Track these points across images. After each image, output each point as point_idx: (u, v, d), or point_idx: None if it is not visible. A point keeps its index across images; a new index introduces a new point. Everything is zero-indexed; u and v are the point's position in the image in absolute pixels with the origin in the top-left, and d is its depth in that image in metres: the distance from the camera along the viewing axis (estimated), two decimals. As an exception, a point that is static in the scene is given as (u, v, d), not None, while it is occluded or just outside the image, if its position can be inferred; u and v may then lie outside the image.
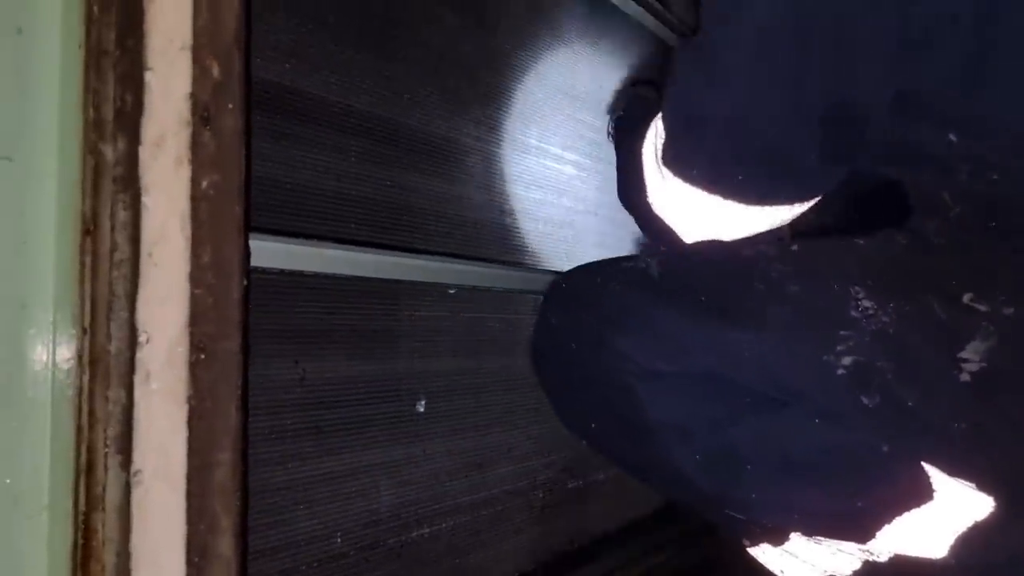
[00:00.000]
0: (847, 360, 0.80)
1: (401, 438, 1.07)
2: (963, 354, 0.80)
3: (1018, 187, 0.83)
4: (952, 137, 0.83)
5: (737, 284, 0.86)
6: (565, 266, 1.42)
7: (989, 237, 0.85)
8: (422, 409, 1.10)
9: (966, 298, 0.82)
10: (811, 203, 0.94)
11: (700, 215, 0.93)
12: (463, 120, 1.21)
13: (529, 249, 1.35)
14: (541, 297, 1.09)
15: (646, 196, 0.99)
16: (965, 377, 0.79)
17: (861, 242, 0.90)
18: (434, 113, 1.15)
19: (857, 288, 0.83)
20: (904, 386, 0.80)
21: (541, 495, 1.32)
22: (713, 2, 0.85)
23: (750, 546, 1.00)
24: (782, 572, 0.99)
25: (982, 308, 0.81)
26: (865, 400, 0.81)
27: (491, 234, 1.27)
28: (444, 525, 1.13)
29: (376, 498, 1.03)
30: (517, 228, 1.33)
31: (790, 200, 0.91)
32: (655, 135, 0.97)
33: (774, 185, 0.89)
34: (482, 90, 1.25)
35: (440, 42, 1.17)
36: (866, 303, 0.82)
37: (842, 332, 0.81)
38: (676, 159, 0.91)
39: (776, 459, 0.85)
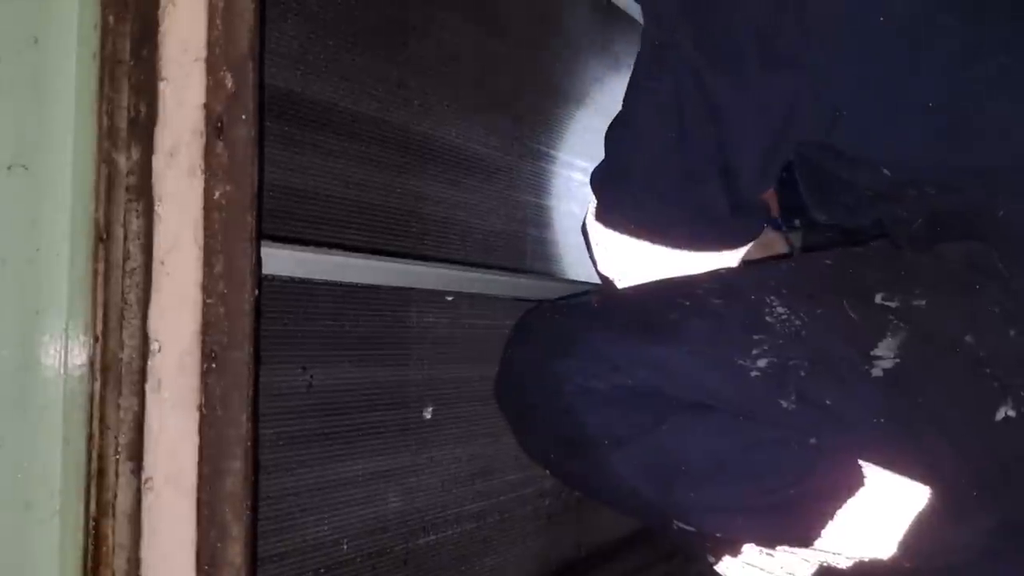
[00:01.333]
0: (762, 363, 0.84)
1: (408, 445, 1.07)
2: (876, 351, 0.83)
3: (955, 196, 0.88)
4: (886, 172, 0.89)
5: (663, 302, 0.91)
6: (574, 273, 1.42)
7: (928, 241, 0.89)
8: (429, 416, 1.11)
9: (878, 298, 0.85)
10: (743, 249, 0.98)
11: (638, 266, 0.98)
12: (473, 127, 1.21)
13: (538, 256, 1.36)
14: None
15: (597, 267, 1.04)
16: (878, 372, 0.82)
17: (784, 265, 0.96)
18: (444, 120, 1.16)
19: (772, 297, 0.87)
20: (819, 385, 0.84)
21: (548, 502, 1.33)
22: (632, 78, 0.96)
23: (715, 563, 1.01)
24: None
25: (892, 305, 0.84)
26: (783, 403, 0.84)
27: (500, 241, 1.27)
28: (451, 532, 1.13)
29: (383, 505, 1.03)
30: (526, 235, 1.33)
31: (717, 246, 0.95)
32: (592, 206, 1.02)
33: (696, 230, 0.94)
34: (492, 97, 1.26)
35: (450, 49, 1.17)
36: (780, 309, 0.86)
37: (756, 337, 0.85)
38: (606, 211, 0.97)
39: (706, 457, 0.88)
